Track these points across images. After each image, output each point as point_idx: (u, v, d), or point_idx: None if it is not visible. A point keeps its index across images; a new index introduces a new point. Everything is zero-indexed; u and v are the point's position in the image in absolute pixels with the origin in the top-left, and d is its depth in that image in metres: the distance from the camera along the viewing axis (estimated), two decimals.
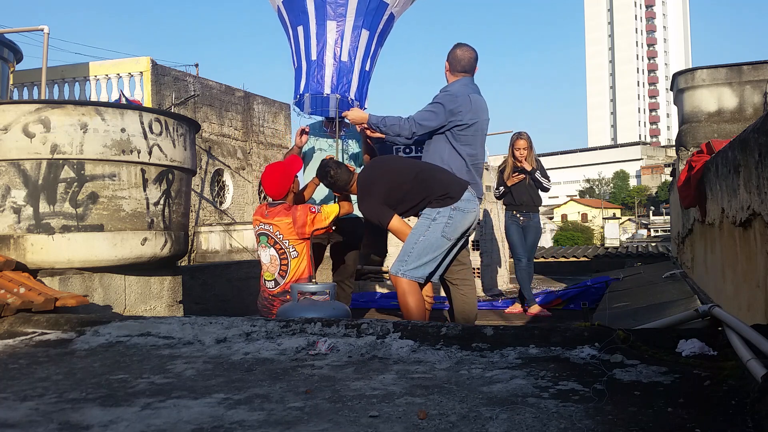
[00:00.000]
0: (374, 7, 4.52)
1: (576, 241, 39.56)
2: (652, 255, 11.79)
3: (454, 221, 3.57)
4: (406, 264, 3.57)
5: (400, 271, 3.56)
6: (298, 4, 4.53)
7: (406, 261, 3.57)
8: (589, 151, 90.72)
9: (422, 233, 3.57)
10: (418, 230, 3.60)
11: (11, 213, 3.66)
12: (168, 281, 4.31)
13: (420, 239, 3.56)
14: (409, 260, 3.57)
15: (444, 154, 3.87)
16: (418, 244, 3.56)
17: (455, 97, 3.84)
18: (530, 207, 6.12)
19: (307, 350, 2.17)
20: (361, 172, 3.90)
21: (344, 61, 4.48)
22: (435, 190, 3.62)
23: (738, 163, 2.53)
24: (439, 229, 3.56)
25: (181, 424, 1.43)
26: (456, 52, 4.02)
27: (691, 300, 4.03)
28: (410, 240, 3.59)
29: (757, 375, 1.45)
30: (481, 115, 3.95)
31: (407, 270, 3.56)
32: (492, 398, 1.57)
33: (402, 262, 3.58)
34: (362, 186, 3.77)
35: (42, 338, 2.59)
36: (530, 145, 6.13)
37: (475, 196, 3.78)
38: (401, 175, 3.69)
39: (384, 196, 3.64)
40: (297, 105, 4.60)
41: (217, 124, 14.88)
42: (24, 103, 3.95)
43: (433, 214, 3.59)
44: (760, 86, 6.24)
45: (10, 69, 10.96)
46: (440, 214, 3.57)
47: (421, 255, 3.55)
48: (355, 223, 4.53)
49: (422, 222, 3.61)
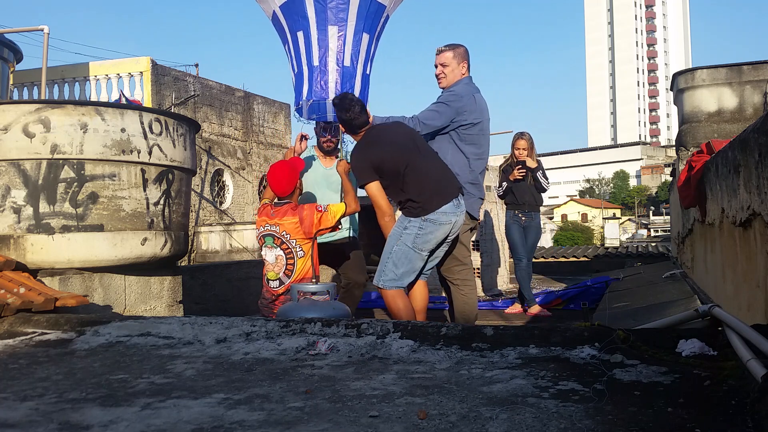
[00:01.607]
0: (374, 11, 4.52)
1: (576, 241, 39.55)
2: (652, 255, 11.79)
3: (425, 232, 3.53)
4: (384, 275, 3.58)
5: (380, 282, 3.59)
6: (298, 9, 4.53)
7: (384, 272, 3.58)
8: (589, 151, 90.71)
9: (395, 242, 3.57)
10: (392, 239, 3.60)
11: (11, 213, 3.66)
12: (168, 281, 4.31)
13: (394, 249, 3.56)
14: (386, 270, 3.57)
15: (448, 154, 3.88)
16: (393, 253, 3.56)
17: (460, 97, 3.85)
18: (532, 207, 6.12)
19: (307, 350, 2.17)
20: (373, 128, 3.81)
21: (347, 66, 4.48)
22: (412, 195, 3.56)
23: (738, 163, 2.53)
24: (409, 240, 3.54)
25: (181, 424, 1.43)
26: (467, 52, 4.03)
27: (691, 300, 4.03)
28: (386, 249, 3.60)
29: (757, 375, 1.45)
30: (485, 114, 3.97)
31: (386, 281, 3.57)
32: (492, 398, 1.57)
33: (381, 273, 3.59)
34: (365, 140, 3.71)
35: (42, 338, 2.58)
36: (531, 145, 6.14)
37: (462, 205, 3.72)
38: (394, 160, 3.59)
39: (375, 164, 3.58)
40: (297, 111, 4.61)
41: (217, 124, 14.88)
42: (24, 103, 3.95)
43: (405, 222, 3.58)
44: (760, 86, 6.24)
45: (10, 69, 10.96)
46: (411, 223, 3.55)
47: (397, 265, 3.55)
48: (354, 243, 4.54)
49: (395, 230, 3.61)
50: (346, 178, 4.12)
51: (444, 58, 3.99)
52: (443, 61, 3.98)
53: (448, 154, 3.89)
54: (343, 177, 4.15)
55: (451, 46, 4.03)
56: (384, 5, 4.58)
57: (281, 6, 4.63)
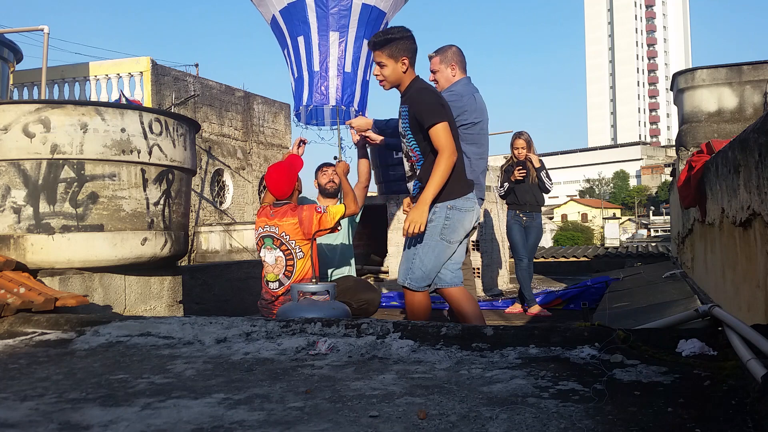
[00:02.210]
0: (375, 17, 4.54)
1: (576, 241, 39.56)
2: (652, 255, 11.78)
3: (452, 222, 3.36)
4: (412, 273, 3.35)
5: (406, 281, 3.35)
6: (299, 14, 4.54)
7: (412, 270, 3.35)
8: (589, 151, 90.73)
9: (421, 237, 3.35)
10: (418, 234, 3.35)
11: (11, 213, 3.66)
12: (168, 281, 4.31)
13: (421, 244, 3.35)
14: (414, 268, 3.34)
15: None
16: (419, 249, 3.34)
17: (461, 97, 3.86)
18: (533, 207, 6.13)
19: (307, 350, 2.17)
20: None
21: (348, 72, 4.50)
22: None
23: (738, 163, 2.53)
24: (437, 232, 3.34)
25: (181, 424, 1.43)
26: (458, 52, 4.03)
27: (691, 300, 4.03)
28: (411, 244, 3.38)
29: (757, 375, 1.45)
30: (485, 114, 3.98)
31: (413, 279, 3.34)
32: (492, 398, 1.57)
33: (408, 271, 3.36)
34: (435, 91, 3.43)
35: (42, 338, 2.58)
36: (529, 145, 6.14)
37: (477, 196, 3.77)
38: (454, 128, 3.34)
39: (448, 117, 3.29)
40: (297, 116, 4.62)
41: (217, 124, 14.87)
42: (24, 103, 3.95)
43: (429, 214, 3.34)
44: (760, 86, 6.24)
45: (10, 69, 10.97)
46: (436, 214, 3.32)
47: (425, 262, 3.33)
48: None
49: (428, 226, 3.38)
50: (345, 180, 4.13)
51: (433, 65, 4.02)
52: (433, 67, 4.02)
53: None
54: (343, 179, 4.15)
55: (439, 50, 4.04)
56: (385, 12, 4.60)
57: (281, 10, 4.64)
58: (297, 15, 4.52)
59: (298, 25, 4.55)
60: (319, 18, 4.44)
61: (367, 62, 4.59)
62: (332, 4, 4.31)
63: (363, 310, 4.24)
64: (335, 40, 4.44)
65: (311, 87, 4.49)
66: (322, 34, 4.47)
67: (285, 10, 4.58)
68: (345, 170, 4.20)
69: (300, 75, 4.60)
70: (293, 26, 4.58)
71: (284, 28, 4.65)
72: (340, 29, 4.45)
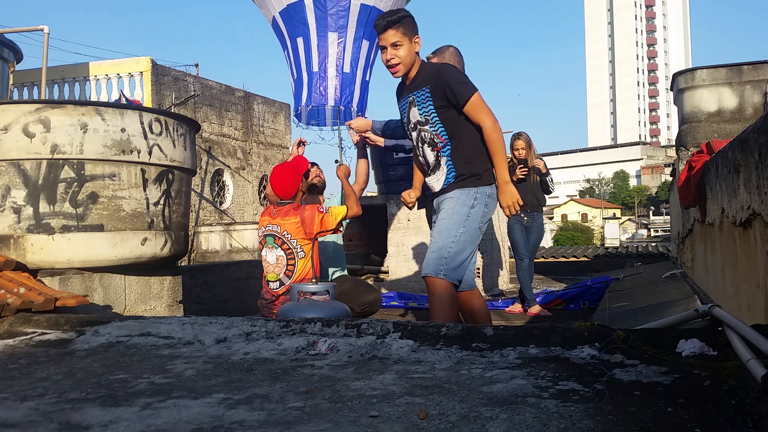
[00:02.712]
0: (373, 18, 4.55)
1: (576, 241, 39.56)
2: (652, 255, 11.78)
3: (489, 210, 3.07)
4: (447, 262, 2.95)
5: (441, 271, 2.94)
6: (298, 15, 4.55)
7: (447, 258, 2.95)
8: (589, 151, 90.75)
9: (461, 224, 2.98)
10: (456, 220, 2.99)
11: (11, 213, 3.66)
12: (168, 281, 4.31)
13: (461, 231, 2.98)
14: (450, 257, 2.95)
15: None
16: (459, 237, 2.97)
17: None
18: (535, 207, 6.14)
19: (307, 350, 2.17)
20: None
21: (347, 73, 4.51)
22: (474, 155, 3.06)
23: (738, 163, 2.53)
24: (477, 219, 3.01)
25: (181, 424, 1.43)
26: (456, 52, 4.02)
27: (691, 300, 4.03)
28: (449, 232, 2.99)
29: (757, 375, 1.45)
30: None
31: (449, 270, 2.95)
32: (492, 398, 1.57)
33: (441, 260, 2.95)
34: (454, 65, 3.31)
35: (42, 338, 2.58)
36: (529, 145, 6.15)
37: None
38: None
39: None
40: (297, 117, 4.63)
41: (217, 124, 14.87)
42: (24, 103, 3.95)
43: (470, 199, 3.02)
44: (760, 86, 6.24)
45: (10, 69, 10.97)
46: (477, 200, 3.02)
47: (461, 251, 2.98)
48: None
49: (459, 209, 3.01)
50: (346, 182, 4.13)
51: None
52: None
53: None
54: (344, 181, 4.16)
55: (436, 51, 4.03)
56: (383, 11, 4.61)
57: (281, 12, 4.65)
58: (296, 16, 4.53)
59: (297, 26, 4.56)
60: (317, 19, 4.45)
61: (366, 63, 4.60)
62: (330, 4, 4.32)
63: (366, 313, 4.23)
64: (334, 40, 4.45)
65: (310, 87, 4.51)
66: (321, 34, 4.48)
67: (285, 12, 4.60)
68: (346, 173, 4.21)
69: (299, 76, 4.61)
70: (293, 27, 4.60)
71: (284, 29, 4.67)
72: (338, 30, 4.47)
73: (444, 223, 3.02)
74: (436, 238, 3.04)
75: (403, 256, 7.49)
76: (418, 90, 3.10)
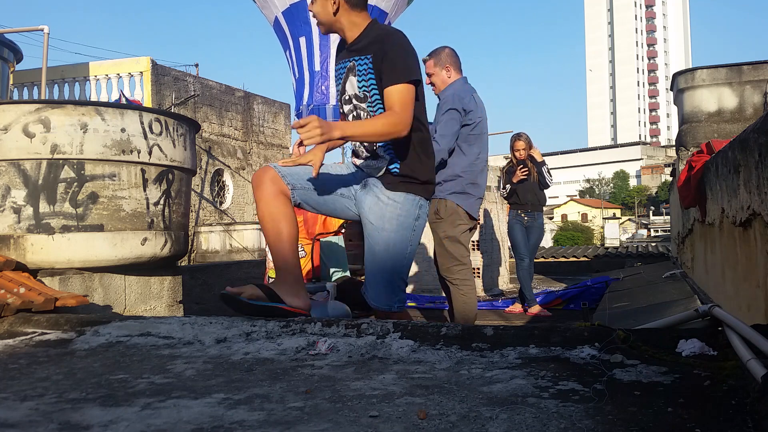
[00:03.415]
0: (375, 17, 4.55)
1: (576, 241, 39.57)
2: (652, 255, 11.79)
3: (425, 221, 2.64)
4: (400, 290, 2.58)
5: (395, 303, 2.56)
6: (301, 14, 4.55)
7: (400, 287, 2.57)
8: (589, 151, 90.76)
9: (408, 240, 2.55)
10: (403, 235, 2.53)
11: (11, 213, 3.66)
12: (168, 281, 4.31)
13: (409, 250, 2.57)
14: (402, 283, 2.58)
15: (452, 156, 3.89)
16: (408, 257, 2.58)
17: (461, 98, 3.86)
18: (535, 207, 6.14)
19: (307, 350, 2.17)
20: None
21: None
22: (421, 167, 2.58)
23: (738, 163, 2.53)
24: (420, 234, 2.61)
25: (181, 424, 1.43)
26: (452, 53, 4.03)
27: (691, 300, 4.03)
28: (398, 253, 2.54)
29: (757, 375, 1.45)
30: (483, 113, 3.99)
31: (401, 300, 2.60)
32: (492, 398, 1.57)
33: (395, 289, 2.55)
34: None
35: (42, 338, 2.58)
36: (529, 146, 6.16)
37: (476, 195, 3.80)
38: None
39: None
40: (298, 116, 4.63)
41: (217, 124, 14.87)
42: (24, 103, 3.95)
43: (415, 209, 2.56)
44: (760, 86, 6.24)
45: (10, 69, 10.97)
46: (422, 210, 2.59)
47: (406, 275, 2.60)
48: None
49: (404, 222, 2.53)
50: None
51: (428, 68, 4.02)
52: (428, 70, 4.02)
53: (453, 156, 3.90)
54: None
55: (432, 53, 4.04)
56: (386, 12, 4.61)
57: (284, 11, 4.66)
58: (299, 15, 4.53)
59: (300, 25, 4.57)
60: None
61: None
62: None
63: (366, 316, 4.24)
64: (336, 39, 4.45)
65: (312, 87, 4.50)
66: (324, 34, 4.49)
67: (287, 11, 4.60)
68: None
69: (301, 75, 4.61)
70: (295, 27, 4.60)
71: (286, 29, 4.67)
72: None
73: (391, 238, 2.52)
74: (383, 256, 2.52)
75: None
76: (360, 56, 2.54)
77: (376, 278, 2.56)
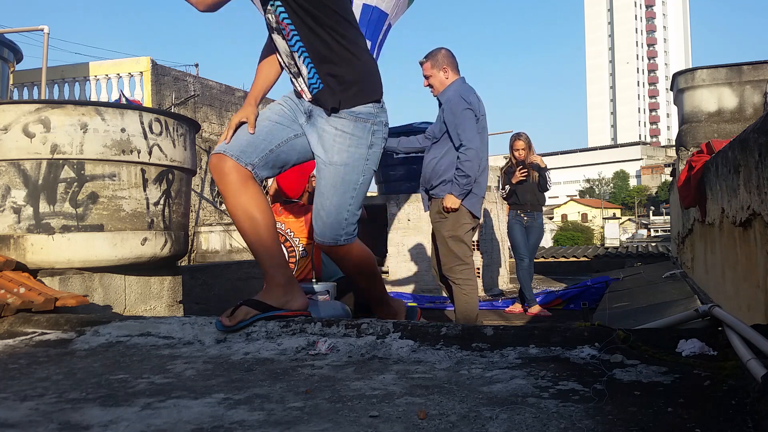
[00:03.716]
0: (375, 18, 4.55)
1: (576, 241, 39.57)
2: (652, 255, 11.79)
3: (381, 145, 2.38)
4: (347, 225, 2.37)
5: (341, 237, 2.37)
6: None
7: (347, 221, 2.36)
8: (589, 151, 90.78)
9: (360, 172, 2.32)
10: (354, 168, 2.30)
11: (11, 213, 3.66)
12: (168, 281, 4.31)
13: (360, 182, 2.34)
14: (350, 218, 2.36)
15: (452, 154, 3.91)
16: (359, 190, 2.35)
17: (467, 99, 3.89)
18: (535, 207, 6.14)
19: (307, 350, 2.17)
20: None
21: None
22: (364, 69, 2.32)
23: (738, 163, 2.53)
24: (375, 162, 2.38)
25: (181, 424, 1.43)
26: (449, 54, 4.04)
27: (691, 300, 4.04)
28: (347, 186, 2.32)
29: (757, 375, 1.45)
30: (484, 111, 4.01)
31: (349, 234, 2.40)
32: (492, 398, 1.57)
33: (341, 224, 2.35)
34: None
35: (42, 338, 2.58)
36: (529, 145, 6.16)
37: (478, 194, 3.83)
38: None
39: None
40: None
41: (217, 124, 14.88)
42: (24, 103, 3.95)
43: (367, 135, 2.30)
44: (760, 86, 6.24)
45: (10, 69, 10.97)
46: (376, 135, 2.32)
47: (359, 206, 2.40)
48: None
49: (354, 152, 2.29)
50: None
51: (425, 70, 4.04)
52: (425, 72, 4.04)
53: (452, 154, 3.91)
54: None
55: (429, 55, 4.05)
56: (386, 13, 4.61)
57: None
58: None
59: None
60: None
61: None
62: None
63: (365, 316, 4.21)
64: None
65: None
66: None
67: None
68: None
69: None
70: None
71: None
72: None
73: (339, 171, 2.28)
74: (329, 192, 2.30)
75: (403, 256, 7.48)
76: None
77: (321, 213, 2.34)
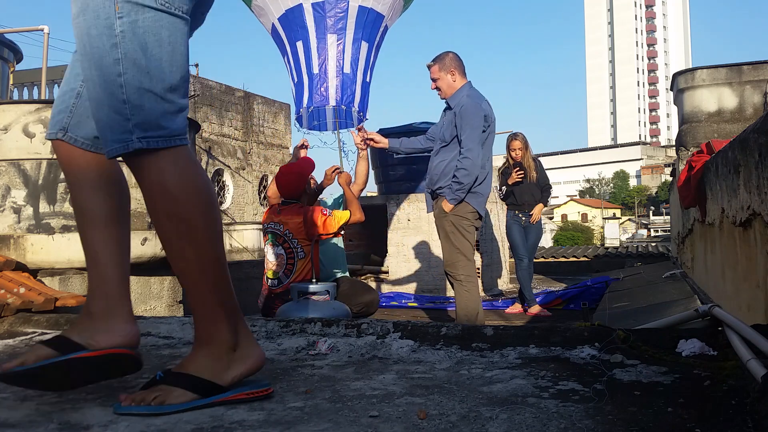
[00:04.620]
0: (372, 20, 4.56)
1: (576, 241, 39.58)
2: (652, 255, 11.79)
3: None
4: (136, 119, 1.49)
5: (130, 141, 1.50)
6: (297, 19, 4.56)
7: (131, 114, 1.49)
8: (589, 151, 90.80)
9: (116, 49, 1.45)
10: (101, 45, 1.49)
11: (11, 213, 3.66)
12: (168, 281, 4.31)
13: (121, 57, 1.43)
14: (133, 109, 1.49)
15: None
16: (126, 72, 1.49)
17: (480, 104, 3.91)
18: (532, 207, 6.14)
19: (307, 350, 2.17)
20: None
21: (347, 73, 4.52)
22: None
23: (738, 163, 2.53)
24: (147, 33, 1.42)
25: (181, 424, 1.43)
26: (456, 57, 4.05)
27: (691, 300, 4.04)
28: (107, 70, 1.49)
29: (757, 375, 1.45)
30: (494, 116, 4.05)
31: (152, 128, 1.48)
32: (492, 398, 1.57)
33: (123, 122, 1.49)
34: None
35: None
36: (526, 145, 6.16)
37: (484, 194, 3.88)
38: None
39: None
40: (298, 120, 4.64)
41: (217, 124, 14.88)
42: (24, 103, 3.95)
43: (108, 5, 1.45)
44: (760, 86, 6.24)
45: (10, 69, 10.97)
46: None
47: (145, 88, 1.45)
48: None
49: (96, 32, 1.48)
50: (348, 189, 4.15)
51: (433, 73, 4.05)
52: (433, 75, 4.05)
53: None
54: (345, 188, 4.18)
55: (436, 58, 4.06)
56: (382, 15, 4.62)
57: (280, 18, 4.66)
58: (295, 20, 4.54)
59: (296, 30, 4.58)
60: (316, 21, 4.46)
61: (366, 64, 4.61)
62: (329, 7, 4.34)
63: (363, 314, 4.23)
64: (333, 42, 4.46)
65: (311, 89, 4.51)
66: (320, 37, 4.50)
67: (283, 17, 4.61)
68: (347, 180, 4.23)
69: (300, 79, 4.62)
70: (292, 32, 4.61)
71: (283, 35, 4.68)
72: (337, 32, 4.49)
73: (80, 24, 1.52)
74: (90, 87, 1.55)
75: (403, 256, 7.49)
76: None
77: (93, 109, 1.59)
